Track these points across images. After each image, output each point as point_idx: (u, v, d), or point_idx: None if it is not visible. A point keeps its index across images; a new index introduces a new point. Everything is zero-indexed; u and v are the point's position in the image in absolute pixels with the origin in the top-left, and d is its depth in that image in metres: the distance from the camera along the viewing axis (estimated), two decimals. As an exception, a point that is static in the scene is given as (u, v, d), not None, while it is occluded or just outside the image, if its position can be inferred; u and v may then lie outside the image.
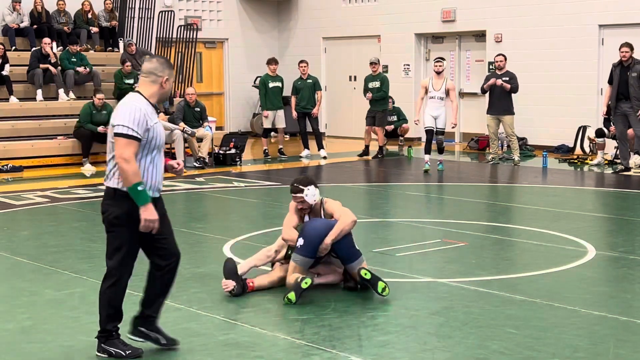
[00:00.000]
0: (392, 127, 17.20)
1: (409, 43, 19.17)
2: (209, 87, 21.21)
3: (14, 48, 17.05)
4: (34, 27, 17.29)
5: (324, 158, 16.07)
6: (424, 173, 13.85)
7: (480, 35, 18.28)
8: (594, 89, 16.37)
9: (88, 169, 14.39)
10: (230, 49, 21.19)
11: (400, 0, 19.18)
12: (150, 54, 17.63)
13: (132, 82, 16.24)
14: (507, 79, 14.84)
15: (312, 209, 6.55)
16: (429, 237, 8.73)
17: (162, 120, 10.41)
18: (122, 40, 18.24)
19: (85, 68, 16.40)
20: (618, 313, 5.86)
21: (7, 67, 15.61)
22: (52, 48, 16.29)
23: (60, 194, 11.67)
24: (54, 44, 16.84)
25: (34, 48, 16.50)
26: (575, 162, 15.17)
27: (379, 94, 16.11)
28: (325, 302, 6.17)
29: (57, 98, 16.13)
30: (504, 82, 14.79)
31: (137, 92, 4.95)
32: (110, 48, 18.41)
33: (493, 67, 15.97)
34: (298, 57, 18.13)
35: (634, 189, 12.14)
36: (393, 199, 11.74)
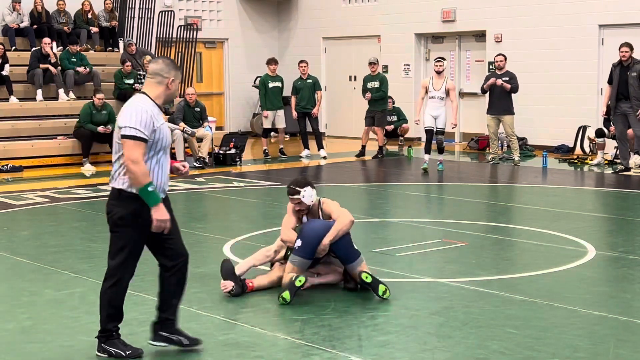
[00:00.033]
0: (392, 127, 17.21)
1: (409, 43, 19.17)
2: (209, 87, 21.20)
3: (14, 48, 17.04)
4: (34, 27, 17.28)
5: (324, 158, 16.06)
6: (423, 172, 13.86)
7: (480, 35, 18.28)
8: (594, 89, 16.37)
9: (88, 169, 14.38)
10: (230, 49, 21.19)
11: (400, 0, 19.17)
12: (151, 54, 17.64)
13: (132, 82, 16.25)
14: (507, 79, 14.83)
15: (310, 210, 6.55)
16: (429, 237, 8.73)
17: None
18: (122, 40, 18.24)
19: (85, 68, 16.39)
20: (618, 313, 5.86)
21: (7, 67, 15.60)
22: (52, 48, 16.28)
23: (60, 194, 11.67)
24: (54, 44, 16.83)
25: (34, 48, 16.49)
26: (575, 162, 15.16)
27: (378, 94, 16.10)
28: (325, 302, 6.17)
29: (57, 98, 16.12)
30: (504, 82, 14.79)
31: (142, 93, 4.93)
32: (110, 48, 18.40)
33: (493, 67, 15.97)
34: (298, 57, 18.13)
35: (634, 189, 12.14)
36: (393, 199, 11.74)
